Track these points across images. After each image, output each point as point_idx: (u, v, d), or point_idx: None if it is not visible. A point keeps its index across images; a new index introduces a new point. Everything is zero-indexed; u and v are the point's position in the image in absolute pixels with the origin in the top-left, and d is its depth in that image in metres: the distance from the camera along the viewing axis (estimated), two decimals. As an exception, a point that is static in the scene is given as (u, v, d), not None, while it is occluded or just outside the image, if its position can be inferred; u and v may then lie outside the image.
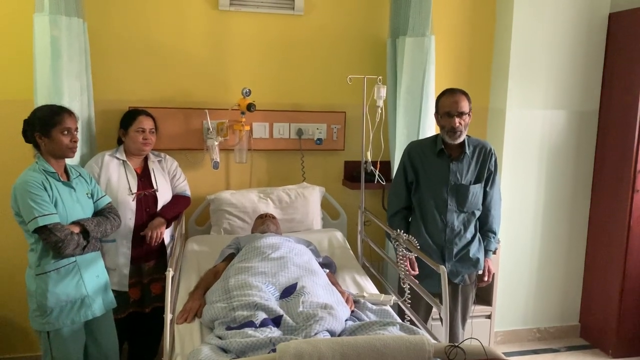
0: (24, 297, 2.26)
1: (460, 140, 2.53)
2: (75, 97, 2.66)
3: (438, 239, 2.62)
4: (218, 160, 3.02)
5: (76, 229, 2.20)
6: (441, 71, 3.32)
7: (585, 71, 3.45)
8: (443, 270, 2.05)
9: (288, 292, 2.12)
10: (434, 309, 2.50)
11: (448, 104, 2.50)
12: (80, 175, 2.39)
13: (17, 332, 3.05)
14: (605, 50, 3.45)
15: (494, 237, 2.70)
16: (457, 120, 2.47)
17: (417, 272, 2.55)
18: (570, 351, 3.55)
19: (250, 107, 2.91)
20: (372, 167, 3.19)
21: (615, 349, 3.45)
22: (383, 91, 2.95)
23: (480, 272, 2.70)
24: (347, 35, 3.28)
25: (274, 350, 1.54)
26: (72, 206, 2.25)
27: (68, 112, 2.25)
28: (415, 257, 2.42)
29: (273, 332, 1.82)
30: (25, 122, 2.23)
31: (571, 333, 3.75)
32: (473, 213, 2.62)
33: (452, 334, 2.70)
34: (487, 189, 2.63)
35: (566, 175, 3.56)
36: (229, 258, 2.54)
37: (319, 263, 2.54)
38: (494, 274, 2.77)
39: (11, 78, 2.84)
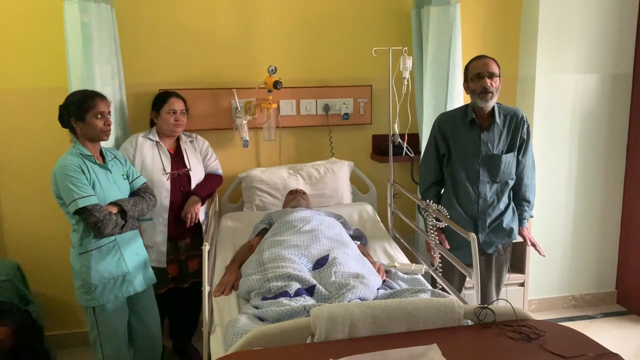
0: (70, 276, 2.36)
1: (492, 102, 2.48)
2: (107, 82, 2.73)
3: (471, 211, 2.60)
4: (247, 138, 3.06)
5: (114, 209, 2.28)
6: (468, 40, 3.27)
7: (618, 32, 3.34)
8: (473, 237, 2.06)
9: (320, 263, 2.17)
10: (468, 280, 2.51)
11: (478, 66, 2.47)
12: (115, 157, 2.46)
13: (65, 309, 3.18)
14: (639, 9, 3.33)
15: (528, 206, 2.67)
16: (488, 80, 2.43)
17: (447, 247, 2.54)
18: (607, 317, 3.52)
19: (276, 84, 2.94)
20: (400, 140, 3.18)
21: (654, 315, 3.42)
22: (409, 62, 2.93)
23: (514, 241, 2.68)
24: (371, 8, 3.25)
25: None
26: (109, 187, 2.33)
27: (100, 97, 2.31)
28: (445, 226, 2.43)
29: (307, 301, 1.87)
30: (61, 107, 2.31)
31: (608, 300, 3.71)
32: (506, 183, 2.59)
33: (485, 303, 2.71)
34: (520, 157, 2.58)
35: (600, 140, 3.49)
36: (262, 233, 2.60)
37: (350, 235, 2.58)
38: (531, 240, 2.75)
39: (45, 66, 2.91)
